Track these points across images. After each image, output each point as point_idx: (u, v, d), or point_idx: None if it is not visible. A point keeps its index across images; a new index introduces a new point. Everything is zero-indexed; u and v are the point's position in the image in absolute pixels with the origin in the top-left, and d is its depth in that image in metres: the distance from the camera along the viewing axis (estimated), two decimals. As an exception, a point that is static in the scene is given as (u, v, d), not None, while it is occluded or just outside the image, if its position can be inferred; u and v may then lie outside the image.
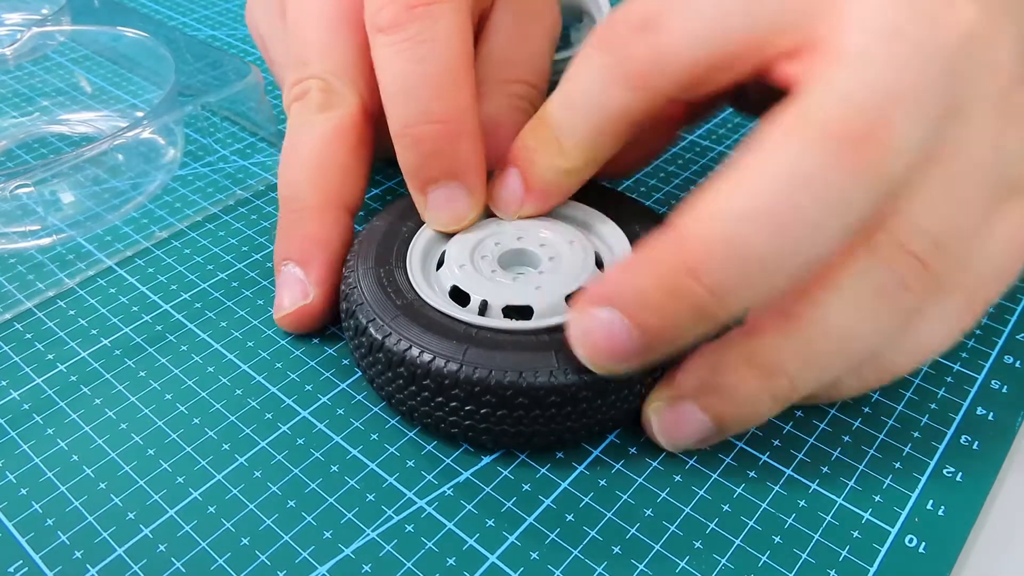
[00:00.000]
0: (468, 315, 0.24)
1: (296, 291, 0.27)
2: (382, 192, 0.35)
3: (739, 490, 0.23)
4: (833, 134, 0.19)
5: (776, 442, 0.24)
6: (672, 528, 0.22)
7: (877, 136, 0.19)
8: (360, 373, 0.27)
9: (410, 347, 0.23)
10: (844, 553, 0.22)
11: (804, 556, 0.22)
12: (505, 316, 0.24)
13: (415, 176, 0.26)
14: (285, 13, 0.31)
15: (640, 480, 0.24)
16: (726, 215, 0.20)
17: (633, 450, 0.24)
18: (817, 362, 0.22)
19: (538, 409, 0.23)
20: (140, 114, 0.39)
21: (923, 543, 0.22)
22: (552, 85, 0.28)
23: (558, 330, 0.23)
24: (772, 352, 0.21)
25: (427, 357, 0.23)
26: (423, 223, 0.27)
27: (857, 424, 0.25)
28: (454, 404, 0.23)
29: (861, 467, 0.24)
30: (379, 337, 0.24)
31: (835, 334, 0.21)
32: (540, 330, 0.24)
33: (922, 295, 0.21)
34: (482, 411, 0.23)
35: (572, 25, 0.42)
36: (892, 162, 0.19)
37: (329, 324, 0.28)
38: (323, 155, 0.28)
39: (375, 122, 0.29)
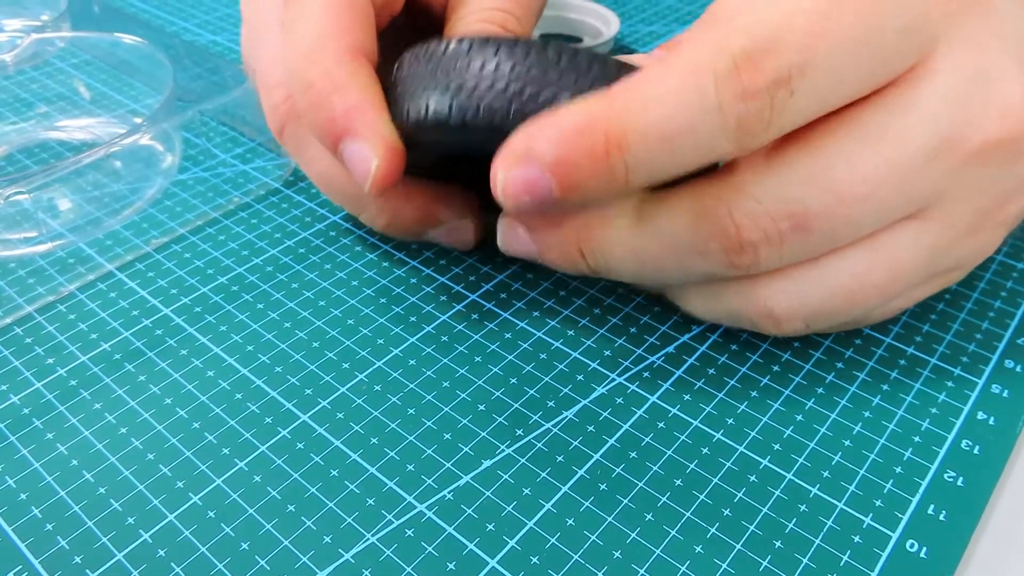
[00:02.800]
0: None
1: (363, 163, 0.25)
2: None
3: (740, 494, 0.23)
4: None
5: (777, 446, 0.24)
6: (673, 532, 0.22)
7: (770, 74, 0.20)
8: (359, 375, 0.27)
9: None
10: (845, 558, 0.22)
11: (805, 561, 0.22)
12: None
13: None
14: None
15: (641, 484, 0.23)
16: (658, 100, 0.20)
17: (634, 454, 0.24)
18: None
19: None
20: (139, 120, 0.39)
21: (924, 548, 0.22)
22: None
23: None
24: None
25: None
26: None
27: (858, 428, 0.25)
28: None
29: (862, 472, 0.24)
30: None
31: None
32: None
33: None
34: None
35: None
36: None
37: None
38: (316, 28, 0.26)
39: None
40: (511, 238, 0.26)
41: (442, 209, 0.30)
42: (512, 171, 0.22)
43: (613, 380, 0.27)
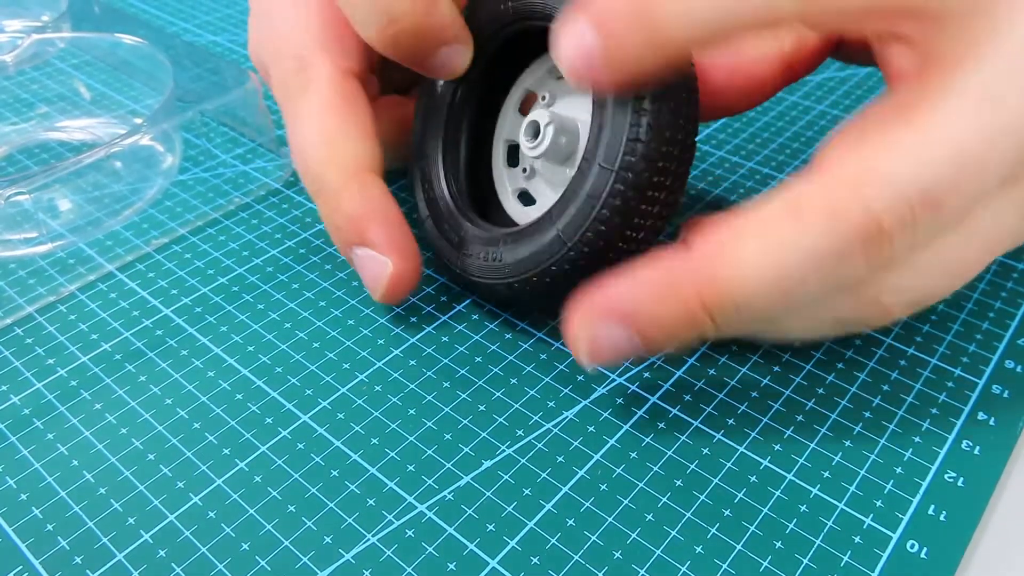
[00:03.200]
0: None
1: (374, 269, 0.27)
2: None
3: (740, 495, 0.23)
4: (858, 227, 0.20)
5: (777, 447, 0.24)
6: (673, 533, 0.22)
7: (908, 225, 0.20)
8: (359, 376, 0.27)
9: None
10: (845, 558, 0.22)
11: (805, 561, 0.22)
12: None
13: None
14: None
15: (641, 485, 0.23)
16: (754, 267, 0.20)
17: (634, 455, 0.24)
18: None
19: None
20: (139, 121, 0.39)
21: (924, 548, 0.22)
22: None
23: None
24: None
25: None
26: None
27: (858, 429, 0.25)
28: None
29: (862, 472, 0.24)
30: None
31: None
32: None
33: None
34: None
35: None
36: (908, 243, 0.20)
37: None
38: (320, 134, 0.28)
39: (364, 76, 0.29)
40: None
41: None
42: (596, 336, 0.22)
43: (613, 381, 0.27)
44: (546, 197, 0.28)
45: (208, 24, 0.50)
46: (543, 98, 0.28)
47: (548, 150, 0.26)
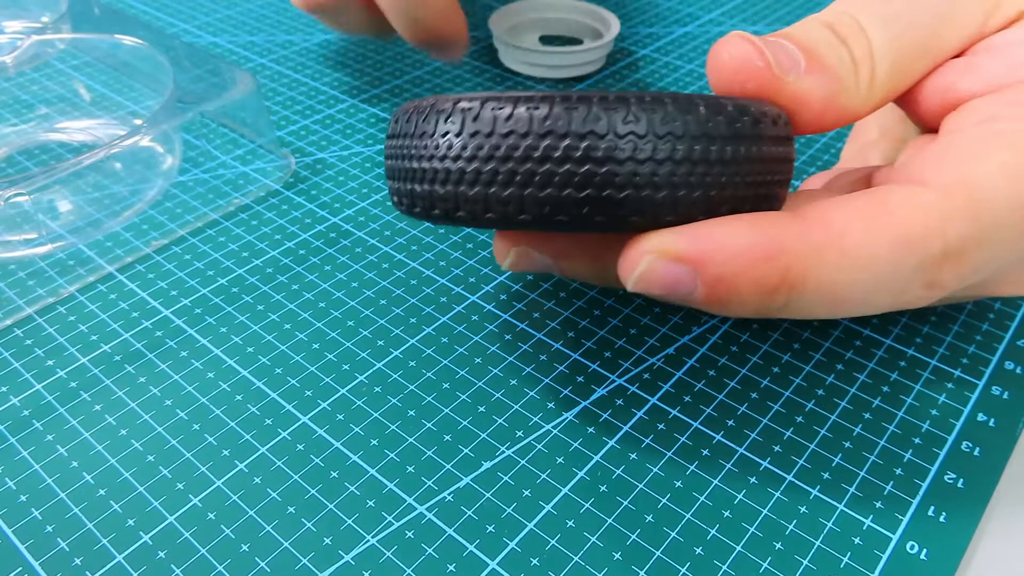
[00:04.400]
0: None
1: None
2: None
3: (740, 496, 0.23)
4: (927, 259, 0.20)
5: (777, 448, 0.24)
6: (673, 534, 0.22)
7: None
8: (359, 377, 0.27)
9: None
10: (845, 559, 0.22)
11: (805, 562, 0.22)
12: None
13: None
14: None
15: (641, 486, 0.23)
16: (853, 260, 0.19)
17: (634, 456, 0.24)
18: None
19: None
20: (139, 122, 0.39)
21: (924, 550, 0.22)
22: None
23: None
24: None
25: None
26: None
27: (858, 430, 0.25)
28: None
29: (862, 473, 0.24)
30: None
31: None
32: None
33: None
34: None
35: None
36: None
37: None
38: None
39: None
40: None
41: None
42: (659, 265, 0.20)
43: (613, 382, 0.27)
44: None
45: (208, 25, 0.50)
46: None
47: None
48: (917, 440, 0.25)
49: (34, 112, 0.40)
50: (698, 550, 0.22)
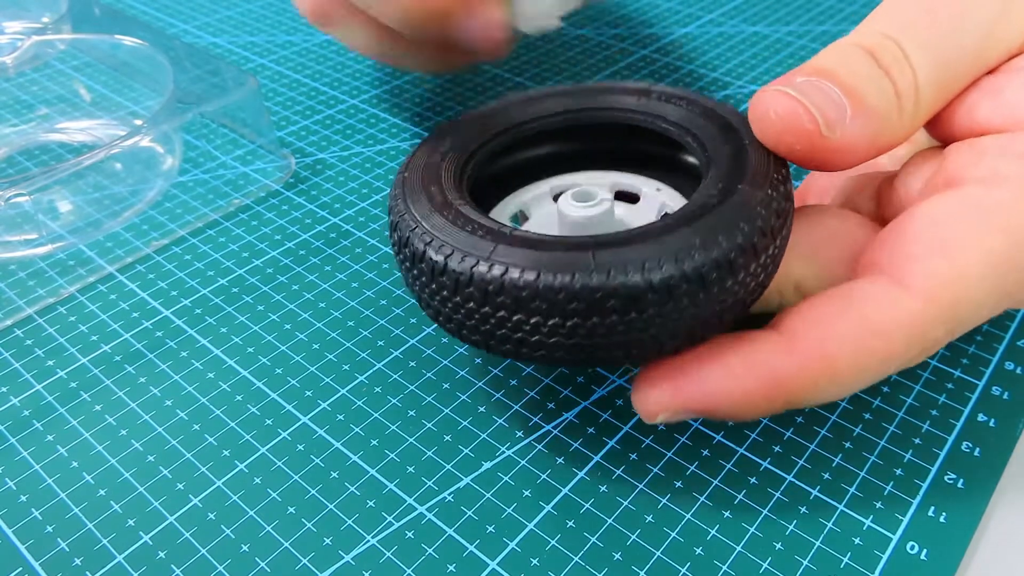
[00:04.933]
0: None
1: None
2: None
3: (740, 496, 0.23)
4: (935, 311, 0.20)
5: (777, 448, 0.24)
6: (673, 535, 0.22)
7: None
8: (359, 377, 0.27)
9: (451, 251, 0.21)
10: (845, 560, 0.22)
11: (805, 563, 0.22)
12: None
13: None
14: None
15: (641, 486, 0.23)
16: (841, 383, 0.21)
17: (634, 456, 0.24)
18: None
19: (596, 317, 0.20)
20: (139, 122, 0.39)
21: (924, 550, 0.22)
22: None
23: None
24: None
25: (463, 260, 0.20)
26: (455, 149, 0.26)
27: (858, 431, 0.25)
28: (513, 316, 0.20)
29: (862, 473, 0.24)
30: (420, 246, 0.21)
31: None
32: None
33: None
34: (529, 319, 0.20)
35: None
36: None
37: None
38: None
39: None
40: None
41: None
42: (673, 415, 0.21)
43: (613, 382, 0.27)
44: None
45: (208, 26, 0.50)
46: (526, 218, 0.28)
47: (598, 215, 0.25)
48: (917, 440, 0.25)
49: (34, 112, 0.40)
50: (698, 550, 0.22)
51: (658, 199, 0.27)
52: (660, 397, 0.21)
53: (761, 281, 0.21)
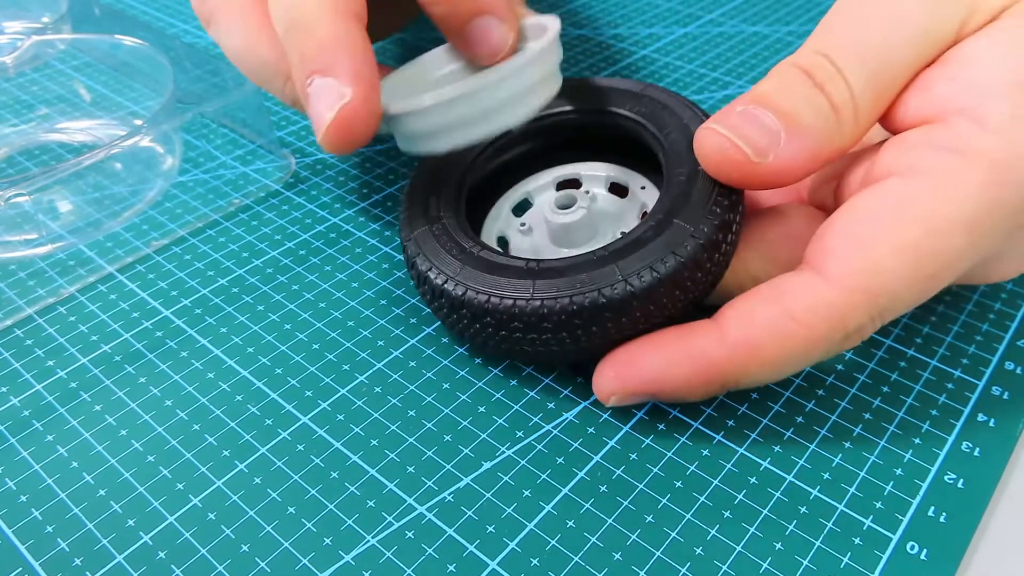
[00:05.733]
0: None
1: (330, 96, 0.25)
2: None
3: (740, 496, 0.23)
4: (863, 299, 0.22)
5: (777, 448, 0.24)
6: (673, 535, 0.22)
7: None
8: (359, 377, 0.27)
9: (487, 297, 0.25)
10: (845, 560, 0.22)
11: (805, 563, 0.22)
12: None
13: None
14: None
15: (641, 486, 0.23)
16: (770, 367, 0.23)
17: (634, 456, 0.24)
18: None
19: (624, 318, 0.23)
20: (139, 122, 0.39)
21: (924, 550, 0.22)
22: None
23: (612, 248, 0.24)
24: None
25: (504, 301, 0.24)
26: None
27: (858, 430, 0.25)
28: (542, 336, 0.24)
29: (862, 473, 0.24)
30: (459, 293, 0.25)
31: None
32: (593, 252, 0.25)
33: None
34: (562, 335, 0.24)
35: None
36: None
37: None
38: None
39: None
40: (626, 398, 0.25)
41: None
42: (625, 398, 0.24)
43: (613, 382, 0.27)
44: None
45: (208, 26, 0.50)
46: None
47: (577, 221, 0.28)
48: (917, 440, 0.25)
49: (34, 112, 0.40)
50: (698, 550, 0.22)
51: (640, 198, 0.30)
52: (611, 383, 0.24)
53: (687, 303, 0.24)
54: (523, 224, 0.30)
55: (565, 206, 0.28)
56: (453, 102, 0.25)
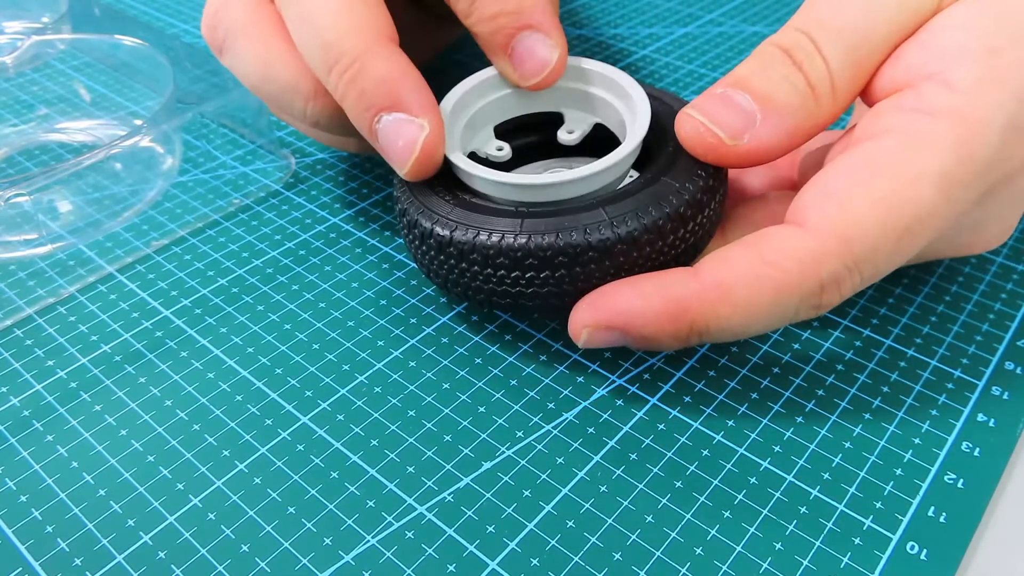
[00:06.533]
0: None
1: (408, 131, 0.25)
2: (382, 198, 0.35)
3: (740, 496, 0.23)
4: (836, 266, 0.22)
5: (777, 448, 0.24)
6: (673, 535, 0.22)
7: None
8: (359, 377, 0.27)
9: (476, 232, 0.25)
10: (845, 560, 0.22)
11: (805, 563, 0.22)
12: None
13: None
14: None
15: (641, 486, 0.23)
16: (742, 313, 0.23)
17: (634, 456, 0.24)
18: None
19: (607, 261, 0.24)
20: (139, 122, 0.39)
21: (924, 550, 0.22)
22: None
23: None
24: None
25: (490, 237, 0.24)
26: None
27: (858, 431, 0.25)
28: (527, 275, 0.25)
29: (862, 474, 0.24)
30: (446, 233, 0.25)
31: None
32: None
33: None
34: (549, 274, 0.24)
35: None
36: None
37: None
38: (337, 3, 0.26)
39: None
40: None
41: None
42: (596, 334, 0.24)
43: (613, 382, 0.27)
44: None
45: (208, 26, 0.50)
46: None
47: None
48: (917, 440, 0.25)
49: (34, 112, 0.40)
50: (698, 550, 0.22)
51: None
52: (583, 316, 0.24)
53: (668, 259, 0.25)
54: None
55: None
56: (522, 188, 0.26)
